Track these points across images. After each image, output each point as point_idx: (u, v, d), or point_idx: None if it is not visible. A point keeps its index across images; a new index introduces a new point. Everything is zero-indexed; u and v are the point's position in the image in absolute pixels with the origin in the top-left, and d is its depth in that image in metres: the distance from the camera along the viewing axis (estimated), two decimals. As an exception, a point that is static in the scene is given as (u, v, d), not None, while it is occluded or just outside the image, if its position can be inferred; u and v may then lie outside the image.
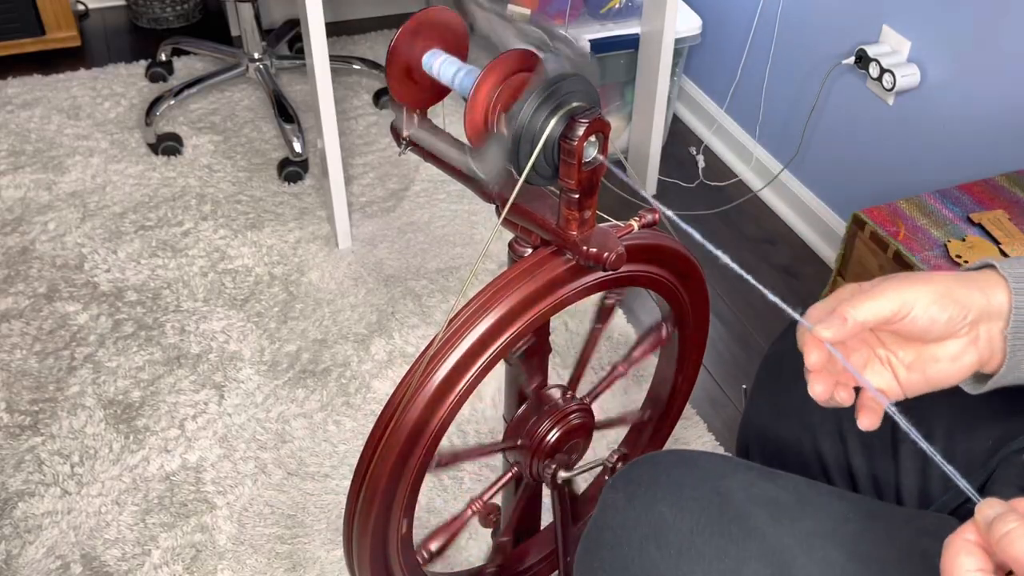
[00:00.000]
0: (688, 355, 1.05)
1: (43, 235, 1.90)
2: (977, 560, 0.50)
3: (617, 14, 2.04)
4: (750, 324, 1.79)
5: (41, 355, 1.64)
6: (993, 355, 0.66)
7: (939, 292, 0.64)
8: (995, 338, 0.65)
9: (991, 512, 0.50)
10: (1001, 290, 0.65)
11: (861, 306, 0.63)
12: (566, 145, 0.72)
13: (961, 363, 0.66)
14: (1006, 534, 0.49)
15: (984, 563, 0.50)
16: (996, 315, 0.65)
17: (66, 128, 2.20)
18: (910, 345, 0.67)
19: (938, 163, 1.62)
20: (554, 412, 0.94)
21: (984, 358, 0.66)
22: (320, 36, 1.63)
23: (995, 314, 0.65)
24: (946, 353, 0.66)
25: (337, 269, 1.85)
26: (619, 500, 0.73)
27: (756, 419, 0.97)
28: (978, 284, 0.65)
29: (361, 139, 2.21)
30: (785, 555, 0.66)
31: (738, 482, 0.71)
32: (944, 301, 0.64)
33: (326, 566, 1.34)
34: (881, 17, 1.67)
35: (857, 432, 0.86)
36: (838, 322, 0.62)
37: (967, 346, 0.65)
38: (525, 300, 0.78)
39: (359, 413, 1.56)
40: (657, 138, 2.05)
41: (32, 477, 1.44)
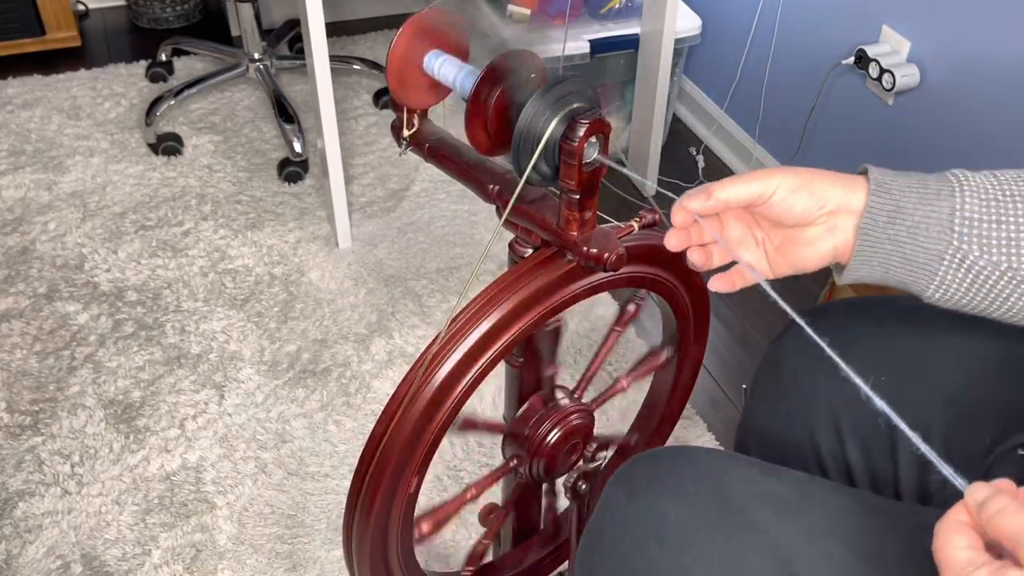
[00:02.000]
0: (688, 356, 1.05)
1: (43, 235, 1.90)
2: (967, 538, 0.52)
3: (617, 14, 2.04)
4: (750, 324, 1.79)
5: (41, 355, 1.64)
6: (847, 248, 0.71)
7: (800, 182, 0.70)
8: (849, 231, 0.71)
9: (981, 494, 0.52)
10: (862, 189, 0.70)
11: (727, 187, 0.70)
12: (567, 146, 0.72)
13: (818, 249, 0.72)
14: (997, 512, 0.51)
15: (974, 540, 0.52)
16: (853, 211, 0.70)
17: (66, 128, 2.20)
18: (779, 229, 0.74)
19: (938, 163, 1.62)
20: (555, 413, 0.94)
21: (840, 249, 0.72)
22: (320, 36, 1.63)
23: (852, 210, 0.70)
24: (806, 238, 0.72)
25: (337, 269, 1.85)
26: (620, 496, 0.73)
27: (755, 419, 0.97)
28: (843, 181, 0.71)
29: (361, 139, 2.22)
30: (786, 550, 0.66)
31: (739, 478, 0.71)
32: (801, 191, 0.70)
33: (326, 566, 1.34)
34: (881, 17, 1.68)
35: (855, 431, 0.86)
36: (703, 197, 0.70)
37: (824, 234, 0.71)
38: (526, 301, 0.78)
39: (359, 413, 1.56)
40: (657, 138, 2.06)
41: (32, 477, 1.44)
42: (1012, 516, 0.50)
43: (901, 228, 0.69)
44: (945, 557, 0.52)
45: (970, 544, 0.52)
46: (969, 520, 0.53)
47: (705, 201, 0.70)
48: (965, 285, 0.69)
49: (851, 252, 0.71)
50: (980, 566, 0.51)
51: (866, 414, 0.85)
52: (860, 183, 0.70)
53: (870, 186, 0.69)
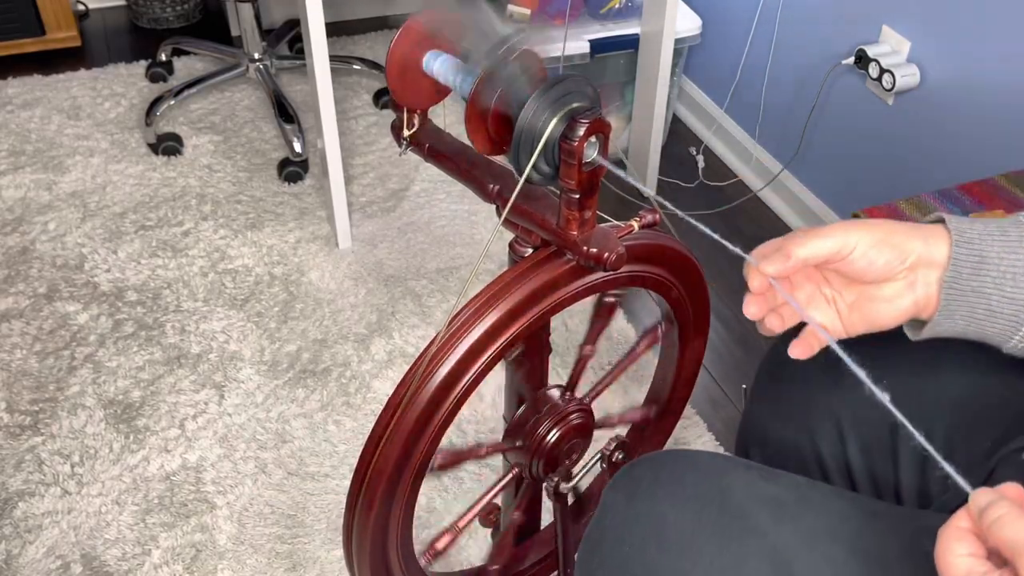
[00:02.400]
0: (688, 355, 1.05)
1: (43, 235, 1.90)
2: (969, 545, 0.52)
3: (617, 14, 2.04)
4: (750, 324, 1.78)
5: (41, 355, 1.64)
6: (929, 302, 0.69)
7: (879, 236, 0.67)
8: (932, 286, 0.68)
9: (984, 500, 0.52)
10: (943, 241, 0.67)
11: (805, 244, 0.67)
12: (566, 145, 0.72)
13: (897, 305, 0.69)
14: (997, 519, 0.50)
15: (976, 548, 0.52)
16: (935, 264, 0.68)
17: (66, 128, 2.20)
18: (853, 286, 0.71)
19: (938, 163, 1.62)
20: (554, 412, 0.94)
21: (920, 304, 0.69)
22: (320, 36, 1.63)
23: (934, 263, 0.68)
24: (884, 294, 0.69)
25: (337, 269, 1.85)
26: (619, 500, 0.73)
27: (756, 419, 0.97)
28: (922, 233, 0.68)
29: (361, 139, 2.22)
30: (786, 553, 0.66)
31: (738, 481, 0.71)
32: (882, 245, 0.67)
33: (326, 566, 1.34)
34: (881, 17, 1.68)
35: (856, 432, 0.86)
36: (781, 258, 0.67)
37: (904, 290, 0.69)
38: (525, 300, 0.78)
39: (359, 413, 1.56)
40: (657, 138, 2.06)
41: (32, 477, 1.44)
42: (1011, 524, 0.50)
43: (987, 279, 0.66)
44: (945, 564, 0.52)
45: (971, 552, 0.52)
46: (971, 526, 0.53)
47: (784, 263, 0.67)
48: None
49: (934, 307, 0.68)
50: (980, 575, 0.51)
51: (867, 416, 0.85)
52: (940, 234, 0.68)
53: (951, 237, 0.67)
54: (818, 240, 0.67)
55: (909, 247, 0.67)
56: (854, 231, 0.67)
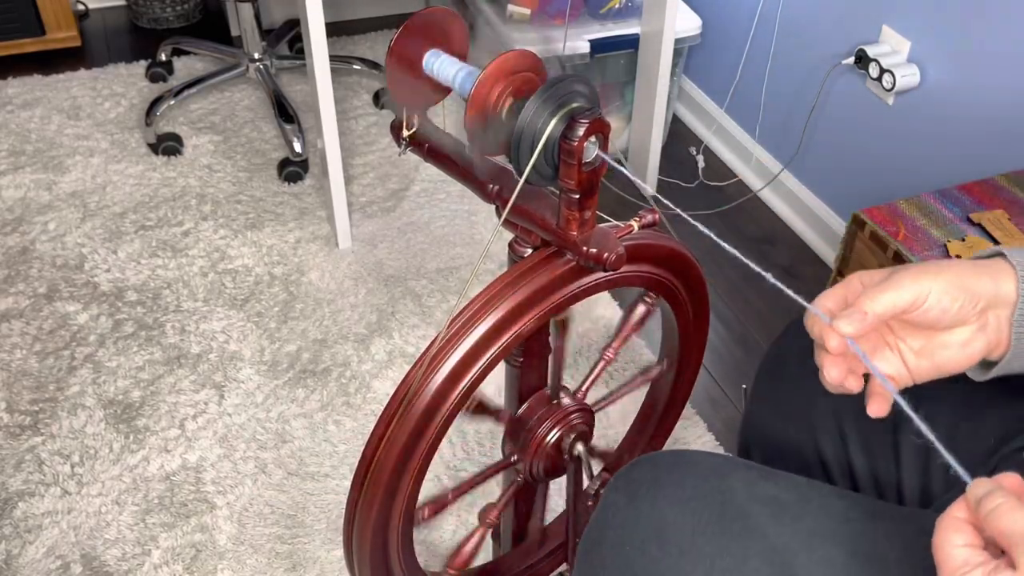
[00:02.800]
0: (688, 355, 1.05)
1: (43, 235, 1.90)
2: (966, 535, 0.52)
3: (617, 14, 2.04)
4: (750, 324, 1.79)
5: (41, 355, 1.64)
6: (1000, 341, 0.67)
7: (951, 282, 0.65)
8: (1003, 325, 0.66)
9: (981, 490, 0.52)
10: (1010, 278, 0.66)
11: (878, 298, 0.64)
12: (566, 145, 0.72)
13: (970, 349, 0.67)
14: (994, 509, 0.50)
15: (972, 538, 0.52)
16: (1004, 302, 0.66)
17: (66, 128, 2.20)
18: (920, 332, 0.68)
19: (938, 163, 1.62)
20: (554, 413, 0.94)
21: (992, 344, 0.67)
22: (320, 36, 1.63)
23: (1003, 301, 0.66)
24: (955, 340, 0.67)
25: (337, 269, 1.85)
26: (620, 500, 0.73)
27: (756, 419, 0.97)
28: (988, 272, 0.66)
29: (361, 139, 2.22)
30: (786, 554, 0.66)
31: (739, 481, 0.71)
32: (956, 291, 0.65)
33: (326, 566, 1.34)
34: (881, 17, 1.68)
35: (858, 432, 0.86)
36: (859, 317, 0.63)
37: (976, 333, 0.67)
38: (526, 301, 0.78)
39: (359, 413, 1.56)
40: (657, 138, 2.06)
41: (32, 477, 1.44)
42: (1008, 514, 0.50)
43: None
44: (942, 555, 0.52)
45: (968, 542, 0.52)
46: (968, 517, 0.53)
47: (862, 321, 0.63)
48: None
49: (1005, 346, 0.67)
50: (976, 566, 0.51)
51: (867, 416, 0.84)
52: (1005, 271, 0.66)
53: (1016, 272, 0.66)
54: (891, 293, 0.64)
55: (980, 289, 0.65)
56: (924, 279, 0.64)
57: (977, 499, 0.52)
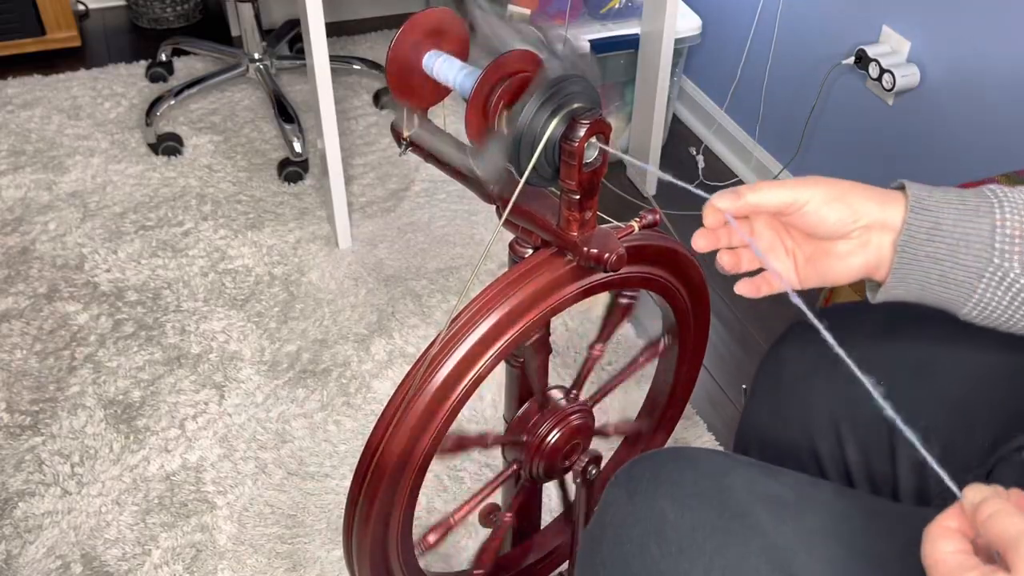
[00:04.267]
0: (688, 356, 1.05)
1: (43, 235, 1.90)
2: (957, 543, 0.53)
3: (617, 14, 2.04)
4: (750, 324, 1.79)
5: (41, 355, 1.64)
6: (881, 264, 0.70)
7: (834, 194, 0.69)
8: (884, 248, 0.70)
9: (978, 496, 0.53)
10: (900, 206, 0.69)
11: (758, 191, 0.69)
12: (567, 146, 0.72)
13: (849, 263, 0.71)
14: (992, 514, 0.51)
15: (963, 545, 0.53)
16: (889, 227, 0.69)
17: (66, 128, 2.20)
18: (810, 241, 0.72)
19: (938, 163, 1.62)
20: (555, 413, 0.94)
21: (872, 265, 0.71)
22: (320, 36, 1.63)
23: (889, 226, 0.69)
24: (837, 251, 0.71)
25: (337, 269, 1.85)
26: (620, 497, 0.73)
27: (755, 419, 0.97)
28: (879, 196, 0.70)
29: (361, 139, 2.22)
30: (786, 552, 0.66)
31: (739, 479, 0.71)
32: (836, 203, 0.69)
33: (326, 566, 1.34)
34: (881, 17, 1.68)
35: (854, 432, 0.86)
36: (732, 196, 0.69)
37: (857, 248, 0.70)
38: (526, 301, 0.78)
39: (359, 413, 1.56)
40: (657, 138, 2.06)
41: (32, 477, 1.44)
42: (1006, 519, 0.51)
43: (940, 246, 0.67)
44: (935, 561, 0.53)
45: (959, 549, 0.52)
46: (958, 526, 0.53)
47: (735, 201, 0.69)
48: (1004, 303, 0.68)
49: (887, 269, 0.70)
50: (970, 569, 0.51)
51: (865, 416, 0.85)
52: (897, 199, 0.69)
53: (908, 202, 0.68)
54: (772, 190, 0.69)
55: (863, 208, 0.69)
56: (810, 187, 0.69)
57: (974, 504, 0.52)
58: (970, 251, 0.67)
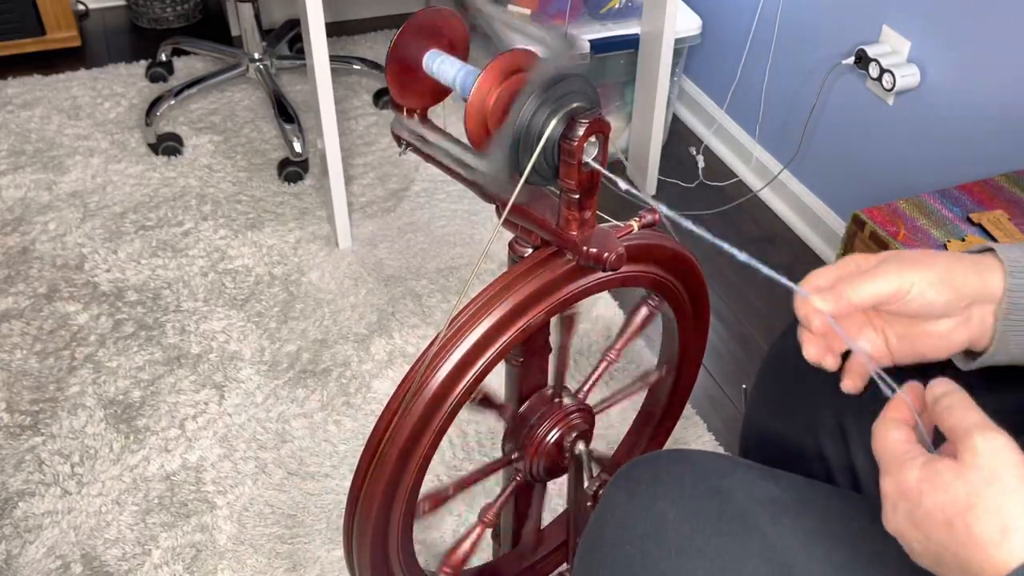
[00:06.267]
0: (688, 355, 1.05)
1: (43, 235, 1.90)
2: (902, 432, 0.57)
3: (617, 14, 2.04)
4: (750, 324, 1.79)
5: (41, 355, 1.64)
6: (983, 335, 0.68)
7: (938, 276, 0.66)
8: (987, 319, 0.67)
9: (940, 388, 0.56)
10: (997, 273, 0.66)
11: (860, 287, 0.65)
12: (566, 146, 0.72)
13: (951, 341, 0.68)
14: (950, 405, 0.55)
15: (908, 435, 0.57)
16: (990, 297, 0.67)
17: (66, 128, 2.20)
18: (904, 319, 0.69)
19: (938, 163, 1.62)
20: (554, 412, 0.94)
21: (975, 337, 0.68)
22: (320, 36, 1.63)
23: (989, 296, 0.67)
24: (938, 330, 0.68)
25: (337, 269, 1.85)
26: (620, 498, 0.73)
27: (757, 419, 0.97)
28: (976, 267, 0.67)
29: (361, 139, 2.22)
30: (786, 554, 0.66)
31: (738, 481, 0.71)
32: (942, 286, 0.65)
33: (326, 566, 1.34)
34: (881, 17, 1.68)
35: (859, 431, 0.86)
36: (832, 297, 0.65)
37: (959, 326, 0.68)
38: (526, 300, 0.78)
39: (359, 413, 1.56)
40: (657, 138, 2.06)
41: (32, 477, 1.44)
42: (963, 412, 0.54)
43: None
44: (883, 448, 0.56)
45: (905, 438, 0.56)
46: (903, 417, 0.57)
47: (838, 303, 0.65)
48: None
49: (988, 339, 0.68)
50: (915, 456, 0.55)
51: (870, 415, 0.84)
52: (994, 267, 0.67)
53: (1004, 267, 0.66)
54: (874, 283, 0.65)
55: (966, 285, 0.66)
56: (909, 272, 0.65)
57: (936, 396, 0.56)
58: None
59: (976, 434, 0.53)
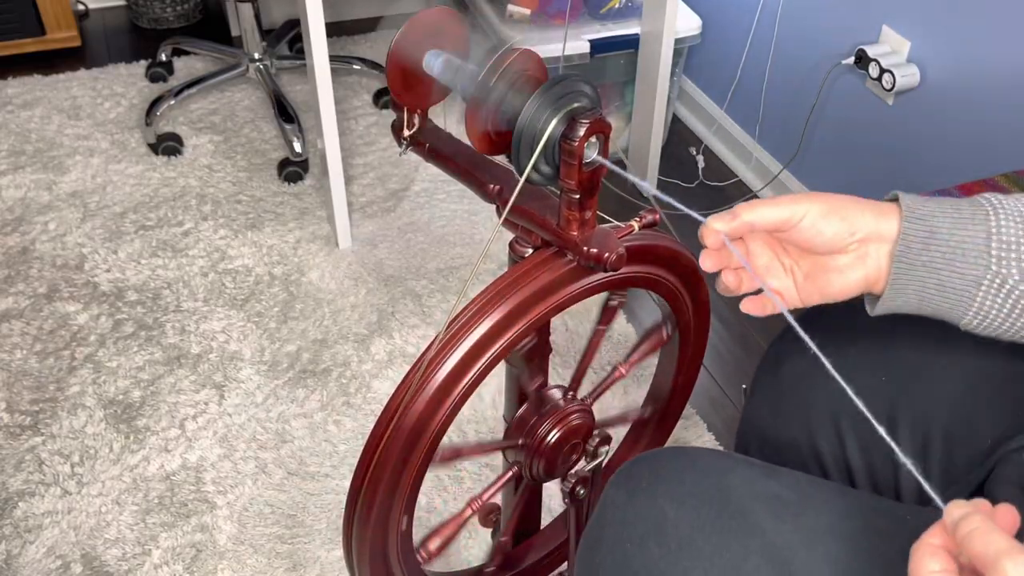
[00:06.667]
0: (688, 356, 1.05)
1: (43, 235, 1.90)
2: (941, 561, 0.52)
3: (617, 14, 2.04)
4: (750, 324, 1.79)
5: (41, 355, 1.64)
6: (879, 276, 0.70)
7: (829, 208, 0.69)
8: (882, 260, 0.70)
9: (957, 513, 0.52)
10: (894, 216, 0.69)
11: (754, 210, 0.69)
12: (567, 146, 0.72)
13: (847, 277, 0.71)
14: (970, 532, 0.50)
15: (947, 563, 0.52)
16: (885, 239, 0.69)
17: (66, 128, 2.20)
18: (808, 257, 0.73)
19: (938, 163, 1.62)
20: (554, 412, 0.94)
21: (871, 277, 0.70)
22: (320, 36, 1.63)
23: (884, 238, 0.69)
24: (836, 265, 0.71)
25: (337, 269, 1.85)
26: (620, 496, 0.73)
27: (755, 419, 0.97)
28: (875, 208, 0.69)
29: (361, 139, 2.22)
30: (786, 552, 0.66)
31: (739, 478, 0.71)
32: (832, 217, 0.69)
33: (326, 566, 1.34)
34: (881, 17, 1.68)
35: (855, 431, 0.86)
36: (728, 217, 0.69)
37: (855, 261, 0.70)
38: (526, 301, 0.78)
39: (359, 413, 1.56)
40: (657, 138, 2.06)
41: (32, 477, 1.44)
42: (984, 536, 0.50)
43: (936, 255, 0.67)
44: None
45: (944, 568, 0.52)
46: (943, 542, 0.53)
47: (730, 221, 0.69)
48: (1005, 311, 0.68)
49: (884, 281, 0.70)
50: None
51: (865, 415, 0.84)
52: (892, 210, 0.69)
53: (902, 212, 0.68)
54: (767, 207, 0.69)
55: (859, 221, 0.69)
56: (804, 202, 0.69)
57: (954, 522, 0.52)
58: (967, 259, 0.67)
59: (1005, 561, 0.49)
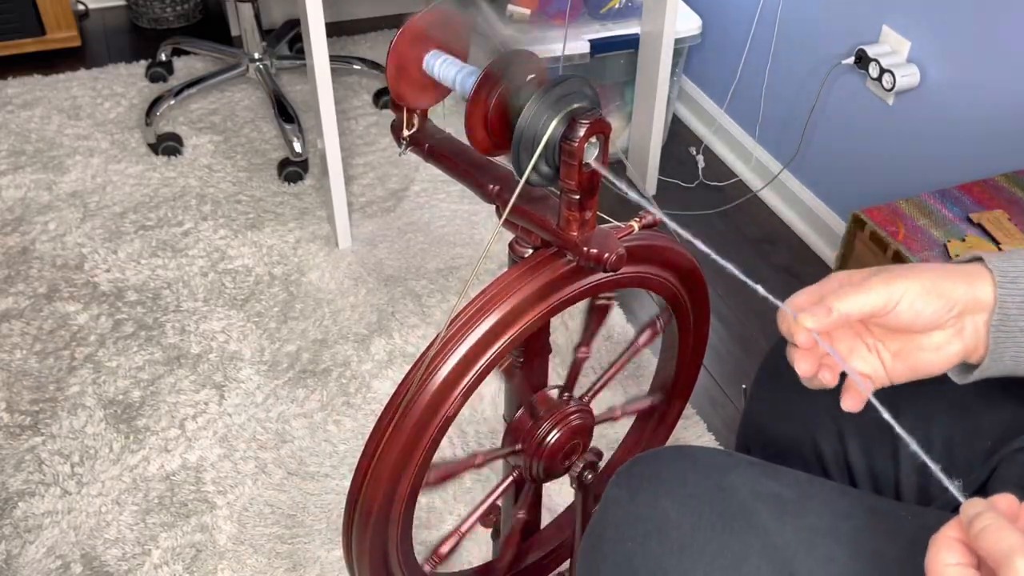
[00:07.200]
0: (688, 356, 1.05)
1: (43, 235, 1.90)
2: (957, 555, 0.52)
3: (617, 14, 2.04)
4: (750, 324, 1.79)
5: (41, 355, 1.64)
6: (978, 346, 0.67)
7: (925, 287, 0.65)
8: (980, 329, 0.67)
9: (972, 510, 0.51)
10: (987, 283, 0.66)
11: (847, 299, 0.65)
12: (567, 146, 0.72)
13: (945, 353, 0.67)
14: (983, 529, 0.50)
15: (964, 557, 0.52)
16: (981, 307, 0.66)
17: (66, 128, 2.20)
18: (897, 334, 0.69)
19: (938, 163, 1.62)
20: (554, 413, 0.94)
21: (969, 349, 0.67)
22: (320, 36, 1.63)
23: (980, 306, 0.66)
24: (931, 343, 0.67)
25: (337, 269, 1.85)
26: (622, 495, 0.73)
27: (756, 419, 0.97)
28: (965, 277, 0.66)
29: (361, 139, 2.22)
30: (787, 551, 0.66)
31: (741, 478, 0.71)
32: (929, 296, 0.65)
33: (326, 566, 1.34)
34: (881, 17, 1.68)
35: (857, 431, 0.86)
36: (822, 312, 0.64)
37: (952, 337, 0.67)
38: (526, 301, 0.78)
39: (359, 413, 1.56)
40: (657, 138, 2.06)
41: (32, 477, 1.44)
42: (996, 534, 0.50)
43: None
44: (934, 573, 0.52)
45: (960, 561, 0.52)
46: (960, 536, 0.52)
47: (824, 318, 0.64)
48: None
49: (983, 350, 0.67)
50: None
51: (867, 415, 0.84)
52: (982, 274, 0.66)
53: (994, 278, 0.66)
54: (861, 295, 0.65)
55: (955, 294, 0.65)
56: (897, 283, 0.65)
57: (969, 519, 0.52)
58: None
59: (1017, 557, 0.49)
